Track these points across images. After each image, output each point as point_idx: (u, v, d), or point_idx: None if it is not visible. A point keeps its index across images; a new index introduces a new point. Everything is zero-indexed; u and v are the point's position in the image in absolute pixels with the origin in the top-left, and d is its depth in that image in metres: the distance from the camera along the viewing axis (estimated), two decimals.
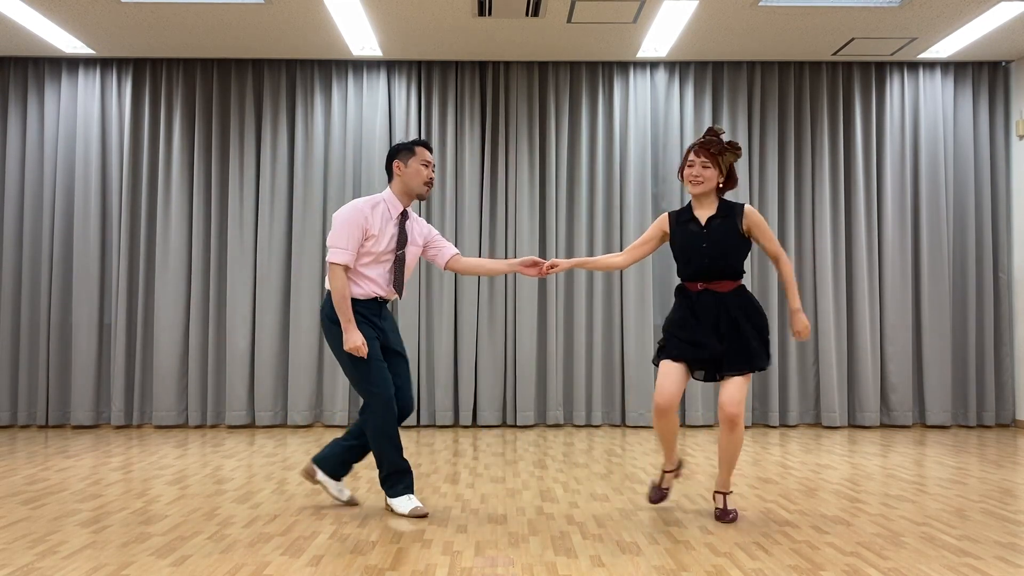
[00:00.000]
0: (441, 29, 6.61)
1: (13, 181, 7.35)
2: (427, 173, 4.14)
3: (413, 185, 4.12)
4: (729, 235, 3.92)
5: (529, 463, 5.46)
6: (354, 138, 7.37)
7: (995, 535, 3.64)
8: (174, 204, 7.29)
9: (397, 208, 4.09)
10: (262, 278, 7.26)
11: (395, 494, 4.05)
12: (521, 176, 7.37)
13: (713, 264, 3.91)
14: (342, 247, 3.97)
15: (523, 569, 3.12)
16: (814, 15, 6.32)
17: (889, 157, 7.45)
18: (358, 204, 4.04)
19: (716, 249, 3.90)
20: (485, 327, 7.30)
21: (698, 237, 3.94)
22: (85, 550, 3.37)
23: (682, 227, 4.01)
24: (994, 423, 7.37)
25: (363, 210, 4.01)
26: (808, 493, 4.52)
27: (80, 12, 6.27)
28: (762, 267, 7.42)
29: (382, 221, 4.04)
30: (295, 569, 3.12)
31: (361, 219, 3.99)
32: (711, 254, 3.91)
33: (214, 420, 7.27)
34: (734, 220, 3.94)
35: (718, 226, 3.93)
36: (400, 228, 4.08)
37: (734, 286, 3.94)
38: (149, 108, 7.38)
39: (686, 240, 3.97)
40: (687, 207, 4.06)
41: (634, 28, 6.59)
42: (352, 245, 3.98)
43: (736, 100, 7.45)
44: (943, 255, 7.39)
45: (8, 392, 7.25)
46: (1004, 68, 7.56)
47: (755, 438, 6.67)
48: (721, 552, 3.35)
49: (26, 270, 7.29)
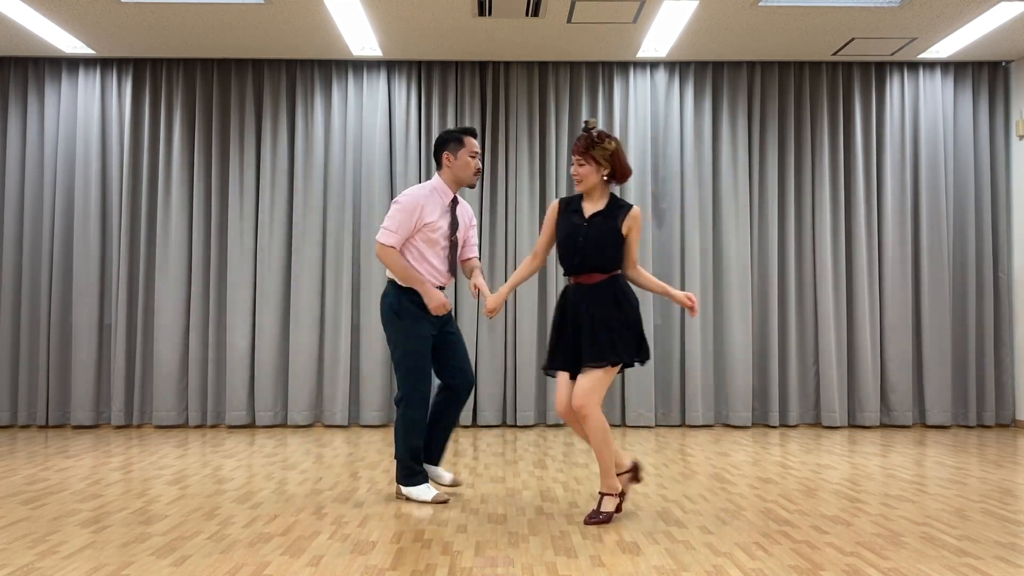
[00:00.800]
0: (441, 29, 6.61)
1: (13, 181, 7.35)
2: (476, 163, 4.29)
3: (463, 176, 4.28)
4: (608, 233, 3.86)
5: (529, 463, 5.46)
6: (354, 138, 7.38)
7: (995, 535, 3.64)
8: (174, 204, 7.29)
9: (448, 195, 4.26)
10: (262, 278, 7.26)
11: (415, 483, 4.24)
12: (521, 176, 7.37)
13: (586, 260, 3.87)
14: (393, 230, 4.14)
15: (523, 569, 3.12)
16: (814, 15, 6.32)
17: (889, 157, 7.46)
18: (416, 193, 4.18)
19: (592, 245, 3.86)
20: (485, 327, 7.30)
21: (578, 230, 3.90)
22: (85, 550, 3.37)
23: (566, 217, 3.96)
24: (994, 423, 7.37)
25: (420, 199, 4.15)
26: (808, 493, 4.52)
27: (80, 12, 6.27)
28: (762, 267, 7.42)
29: (438, 210, 4.19)
30: (295, 569, 3.12)
31: (418, 208, 4.14)
32: (586, 249, 3.86)
33: (214, 420, 7.27)
34: (616, 220, 3.88)
35: (599, 223, 3.88)
36: (452, 214, 4.24)
37: (603, 278, 3.88)
38: (149, 108, 7.38)
39: (567, 231, 3.92)
40: (577, 196, 4.01)
41: (634, 28, 6.59)
42: (403, 231, 4.13)
43: (736, 100, 7.45)
44: (943, 255, 7.39)
45: (8, 392, 7.25)
46: (1004, 68, 7.56)
47: (755, 438, 6.67)
48: (721, 552, 3.35)
49: (26, 270, 7.29)
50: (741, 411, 7.26)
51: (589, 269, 3.87)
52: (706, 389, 7.30)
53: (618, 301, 3.85)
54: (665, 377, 7.35)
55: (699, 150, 7.43)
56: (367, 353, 7.23)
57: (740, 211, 7.36)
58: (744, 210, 7.36)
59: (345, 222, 7.29)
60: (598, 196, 3.94)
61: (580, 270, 3.89)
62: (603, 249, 3.85)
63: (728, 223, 7.36)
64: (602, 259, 3.86)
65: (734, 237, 7.34)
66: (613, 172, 3.90)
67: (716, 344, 7.39)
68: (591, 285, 3.87)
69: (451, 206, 4.26)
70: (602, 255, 3.86)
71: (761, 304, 7.42)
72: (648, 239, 7.30)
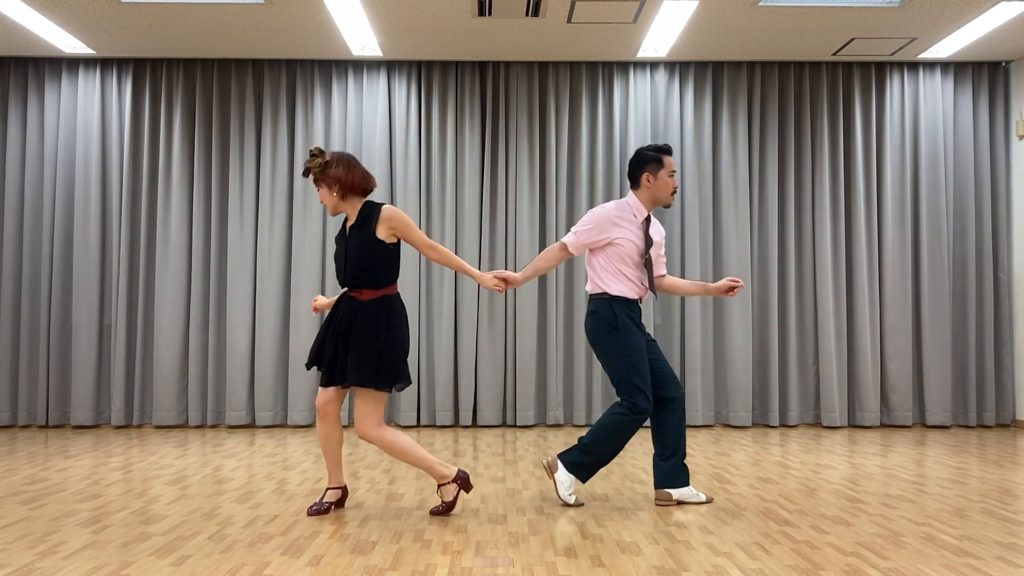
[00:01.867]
0: (441, 29, 6.61)
1: (13, 181, 7.35)
2: (673, 183, 4.25)
3: (662, 197, 4.24)
4: (365, 243, 3.85)
5: (529, 463, 5.45)
6: (354, 138, 7.38)
7: (995, 535, 3.64)
8: (174, 204, 7.29)
9: (642, 214, 4.22)
10: (262, 278, 7.26)
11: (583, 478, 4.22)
12: (521, 176, 7.37)
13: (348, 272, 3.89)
14: (576, 232, 4.21)
15: (523, 569, 3.12)
16: (814, 15, 6.32)
17: (889, 157, 7.45)
18: (609, 209, 4.19)
19: (351, 256, 3.86)
20: (485, 327, 7.30)
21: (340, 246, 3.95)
22: (85, 550, 3.37)
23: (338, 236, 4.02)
24: (994, 423, 7.37)
25: (612, 217, 4.16)
26: (808, 493, 4.52)
27: (80, 12, 6.27)
28: (762, 267, 7.42)
29: (630, 228, 4.16)
30: (295, 569, 3.12)
31: (608, 224, 4.15)
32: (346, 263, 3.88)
33: (214, 420, 7.27)
34: (370, 225, 3.88)
35: (355, 234, 3.89)
36: (645, 233, 4.20)
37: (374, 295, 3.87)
38: (149, 108, 7.38)
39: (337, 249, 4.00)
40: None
41: (634, 28, 6.59)
42: (584, 239, 4.19)
43: (736, 100, 7.45)
44: (943, 255, 7.39)
45: (8, 392, 7.25)
46: (1004, 68, 7.56)
47: (755, 438, 6.67)
48: (721, 552, 3.35)
49: (26, 270, 7.29)
50: (741, 411, 7.26)
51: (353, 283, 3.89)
52: (706, 389, 7.30)
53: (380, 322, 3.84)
54: None
55: (699, 150, 7.42)
56: None
57: (740, 211, 7.36)
58: (744, 210, 7.36)
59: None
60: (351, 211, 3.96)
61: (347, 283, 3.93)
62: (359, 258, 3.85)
63: (728, 223, 7.36)
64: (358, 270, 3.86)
65: (734, 237, 7.34)
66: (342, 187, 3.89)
67: (716, 344, 7.39)
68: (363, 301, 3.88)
69: (644, 224, 4.20)
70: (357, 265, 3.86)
71: (761, 304, 7.42)
72: None
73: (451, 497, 4.00)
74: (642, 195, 4.22)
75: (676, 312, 7.35)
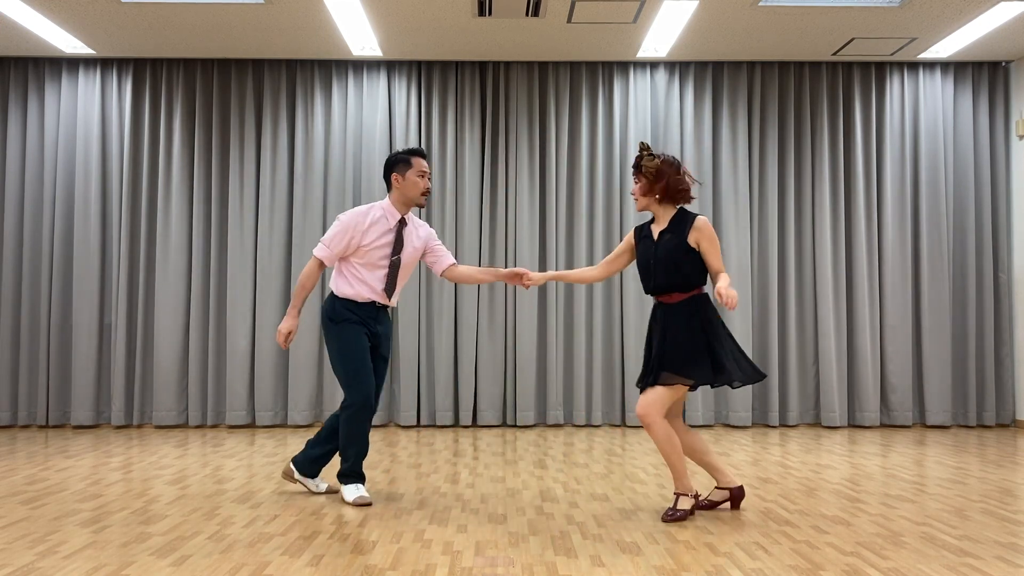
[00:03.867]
0: (441, 29, 6.61)
1: (13, 181, 7.35)
2: (424, 184, 4.32)
3: (411, 196, 4.32)
4: (677, 249, 3.90)
5: (529, 463, 5.45)
6: (354, 138, 7.38)
7: (995, 535, 3.64)
8: (174, 204, 7.29)
9: (395, 216, 4.28)
10: (262, 278, 7.26)
11: (343, 482, 4.32)
12: (521, 176, 7.37)
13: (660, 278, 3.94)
14: (326, 244, 4.24)
15: (523, 569, 3.12)
16: (814, 15, 6.32)
17: (889, 157, 7.45)
18: (358, 213, 4.25)
19: (663, 263, 3.91)
20: (485, 327, 7.30)
21: (648, 251, 3.98)
22: (85, 550, 3.37)
23: (641, 243, 4.06)
24: (994, 423, 7.37)
25: (360, 222, 4.22)
26: (808, 493, 4.52)
27: (80, 12, 6.27)
28: (762, 267, 7.42)
29: (378, 231, 4.22)
30: (295, 569, 3.12)
31: (354, 229, 4.20)
32: (658, 268, 3.93)
33: (214, 420, 7.27)
34: (683, 233, 3.92)
35: (667, 240, 3.94)
36: (397, 235, 4.27)
37: (683, 298, 3.92)
38: (149, 108, 7.38)
39: (641, 254, 4.03)
40: (649, 222, 4.11)
41: (634, 28, 6.59)
42: (336, 248, 4.22)
43: (736, 100, 7.45)
44: (943, 255, 7.39)
45: (8, 392, 7.25)
46: (1004, 68, 7.56)
47: (755, 438, 6.67)
48: (721, 552, 3.35)
49: (26, 270, 7.29)
50: (741, 411, 7.26)
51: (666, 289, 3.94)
52: (706, 389, 7.29)
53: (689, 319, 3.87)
54: None
55: (699, 150, 7.42)
56: None
57: (740, 211, 7.36)
58: (744, 210, 7.36)
59: None
60: (662, 216, 4.00)
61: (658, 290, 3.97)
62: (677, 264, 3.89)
63: (728, 223, 7.36)
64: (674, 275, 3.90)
65: (734, 237, 7.34)
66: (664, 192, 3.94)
67: None
68: (673, 304, 3.93)
69: (397, 226, 4.27)
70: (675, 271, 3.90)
71: (761, 304, 7.42)
72: None
73: (687, 506, 3.92)
74: (394, 196, 4.33)
75: None
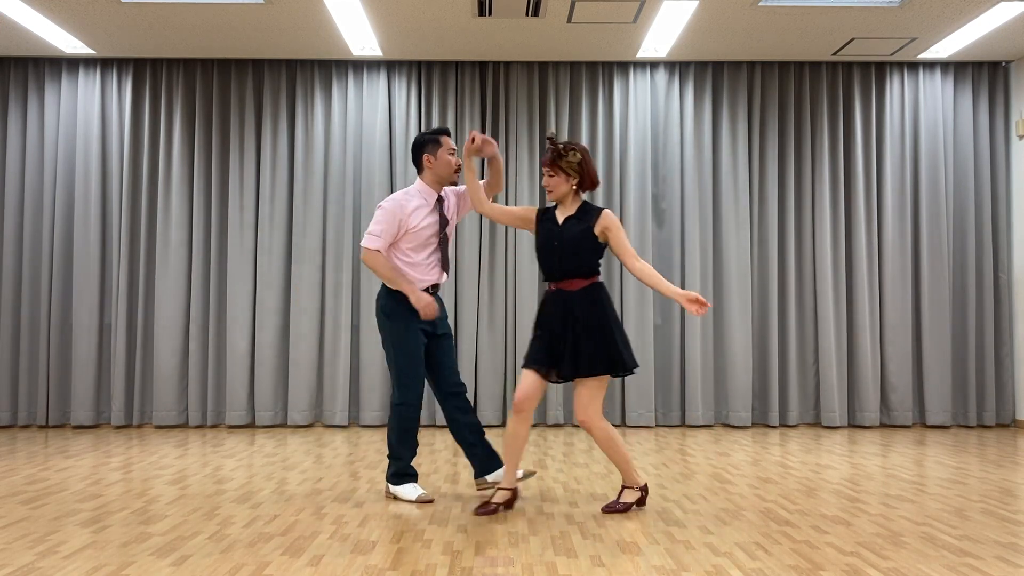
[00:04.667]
0: (441, 29, 6.61)
1: (13, 181, 7.35)
2: (456, 161, 4.44)
3: (444, 174, 4.41)
4: (583, 235, 3.98)
5: (529, 463, 5.45)
6: (354, 138, 7.38)
7: (995, 535, 3.64)
8: (174, 204, 7.29)
9: (432, 196, 4.37)
10: (262, 278, 7.26)
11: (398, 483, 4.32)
12: (521, 176, 7.37)
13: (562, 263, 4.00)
14: (377, 234, 4.23)
15: (523, 569, 3.12)
16: (814, 15, 6.32)
17: (889, 157, 7.46)
18: (398, 199, 4.27)
19: (569, 247, 3.98)
20: (485, 327, 7.30)
21: (552, 235, 4.03)
22: (85, 550, 3.37)
23: (543, 225, 4.11)
24: (994, 423, 7.37)
25: (404, 204, 4.26)
26: (808, 493, 4.52)
27: (80, 12, 6.27)
28: (762, 267, 7.42)
29: (422, 214, 4.28)
30: (295, 569, 3.12)
31: (401, 211, 4.24)
32: (565, 251, 3.99)
33: (214, 420, 7.27)
34: (589, 221, 4.01)
35: (573, 225, 4.01)
36: (440, 214, 4.36)
37: (584, 284, 3.99)
38: (149, 108, 7.38)
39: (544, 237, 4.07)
40: (553, 207, 4.17)
41: (634, 28, 6.59)
42: (387, 235, 4.22)
43: (736, 100, 7.45)
44: (943, 255, 7.39)
45: (8, 392, 7.25)
46: (1004, 68, 7.56)
47: (755, 438, 6.67)
48: (721, 552, 3.35)
49: (26, 270, 7.29)
50: (741, 411, 7.26)
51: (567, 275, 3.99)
52: (706, 389, 7.30)
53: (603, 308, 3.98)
54: (665, 377, 7.35)
55: (699, 150, 7.42)
56: (367, 353, 7.23)
57: (740, 211, 7.36)
58: (744, 210, 7.36)
59: (345, 222, 7.29)
60: (570, 204, 4.09)
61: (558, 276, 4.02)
62: (577, 251, 3.97)
63: (728, 223, 7.36)
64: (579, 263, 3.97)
65: (734, 237, 7.34)
66: (582, 181, 4.05)
67: (716, 344, 7.39)
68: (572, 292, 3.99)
69: (436, 205, 4.36)
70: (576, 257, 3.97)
71: (761, 304, 7.42)
72: (648, 239, 7.30)
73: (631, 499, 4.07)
74: (427, 177, 4.38)
75: (676, 312, 7.35)
